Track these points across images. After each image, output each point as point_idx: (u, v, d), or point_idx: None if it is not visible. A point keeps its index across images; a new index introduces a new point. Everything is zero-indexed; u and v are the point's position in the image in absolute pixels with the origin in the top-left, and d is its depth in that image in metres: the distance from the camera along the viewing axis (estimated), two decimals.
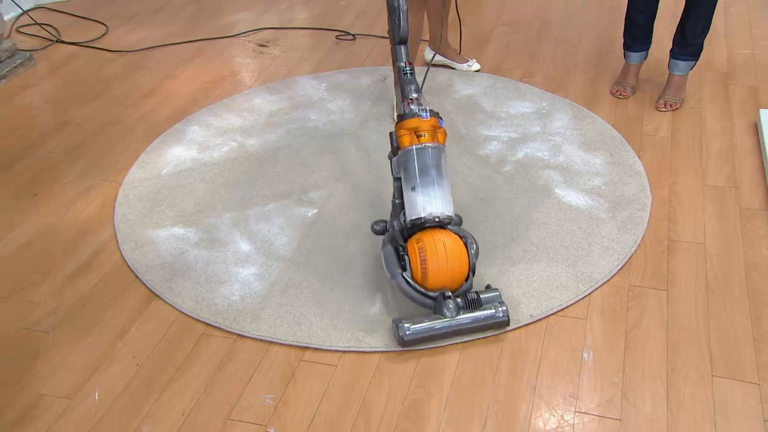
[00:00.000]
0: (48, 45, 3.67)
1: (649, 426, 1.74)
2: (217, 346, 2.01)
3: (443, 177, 2.07)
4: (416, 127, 2.08)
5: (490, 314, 1.98)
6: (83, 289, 2.21)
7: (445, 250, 1.97)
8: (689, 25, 2.86)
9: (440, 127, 2.12)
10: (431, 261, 1.96)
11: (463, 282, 2.02)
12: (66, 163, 2.78)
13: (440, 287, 1.99)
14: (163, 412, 1.83)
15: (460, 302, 1.98)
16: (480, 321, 1.97)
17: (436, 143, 2.08)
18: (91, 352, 2.00)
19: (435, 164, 2.06)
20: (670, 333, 1.99)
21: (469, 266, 2.02)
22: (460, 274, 2.00)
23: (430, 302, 1.99)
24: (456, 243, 2.00)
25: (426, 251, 1.97)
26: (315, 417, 1.81)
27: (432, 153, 2.06)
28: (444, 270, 1.96)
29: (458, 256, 1.99)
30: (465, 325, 1.96)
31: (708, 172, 2.61)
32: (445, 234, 2.02)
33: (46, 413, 1.83)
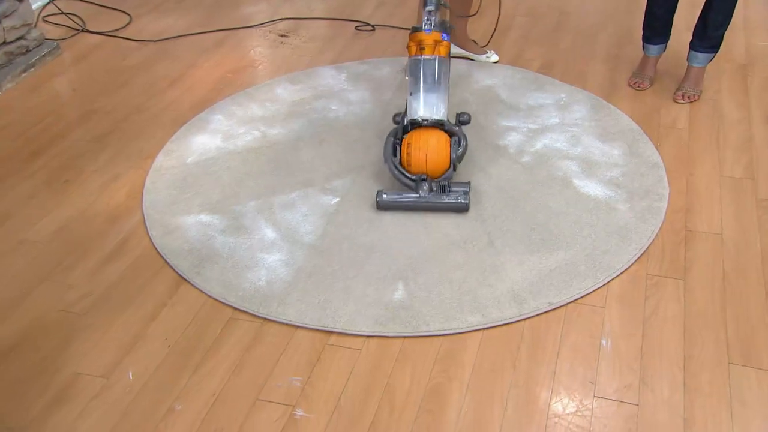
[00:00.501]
0: (74, 34, 3.73)
1: (666, 411, 1.79)
2: (245, 330, 2.07)
3: (439, 84, 2.46)
4: (420, 41, 2.49)
5: (453, 199, 2.40)
6: (115, 273, 2.27)
7: (428, 144, 2.41)
8: (711, 17, 2.89)
9: (443, 40, 2.48)
10: (414, 151, 2.41)
11: (444, 172, 2.44)
12: (94, 151, 2.84)
13: (420, 173, 2.42)
14: (195, 391, 1.90)
15: (433, 186, 2.40)
16: (443, 202, 2.40)
17: (436, 55, 2.47)
18: (125, 334, 2.06)
19: (431, 73, 2.46)
20: (687, 321, 2.03)
21: (450, 160, 2.43)
22: (440, 165, 2.42)
23: (411, 183, 2.43)
24: (440, 139, 2.43)
25: (412, 143, 2.42)
26: (341, 398, 1.87)
27: (429, 63, 2.46)
28: (423, 159, 2.41)
29: (440, 150, 2.42)
30: (430, 202, 2.41)
31: (725, 163, 2.65)
32: (433, 132, 2.45)
33: (84, 391, 1.90)
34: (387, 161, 2.49)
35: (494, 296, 2.12)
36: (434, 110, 2.45)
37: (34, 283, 2.24)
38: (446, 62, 2.50)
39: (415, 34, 2.51)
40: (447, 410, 1.83)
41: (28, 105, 3.16)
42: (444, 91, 2.48)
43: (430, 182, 2.42)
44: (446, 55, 2.50)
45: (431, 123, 2.46)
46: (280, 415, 1.83)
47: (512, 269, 2.22)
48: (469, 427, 1.78)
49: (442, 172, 2.45)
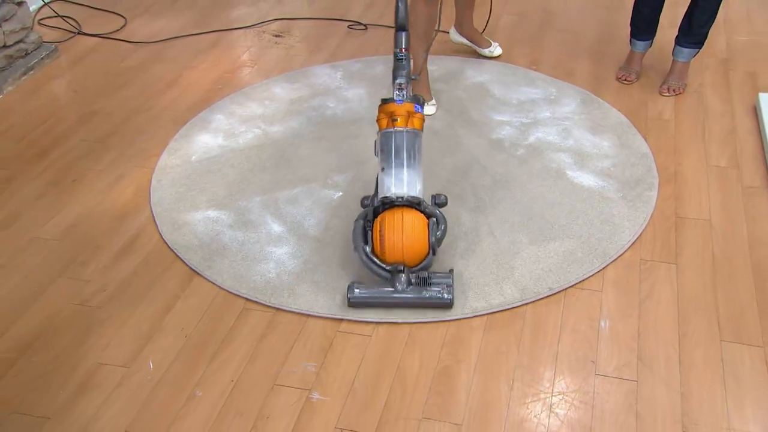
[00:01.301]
0: (70, 37, 3.78)
1: (663, 386, 1.89)
2: (258, 319, 2.15)
3: (413, 160, 2.22)
4: (392, 112, 2.26)
5: (435, 294, 2.11)
6: (128, 268, 2.34)
7: (402, 227, 2.13)
8: (696, 15, 3.00)
9: (416, 112, 2.28)
10: (388, 236, 2.12)
11: (422, 260, 2.17)
12: (99, 151, 2.90)
13: (396, 262, 2.14)
14: (213, 378, 1.97)
15: (412, 278, 2.13)
16: (424, 299, 2.12)
17: (410, 128, 2.24)
18: (142, 325, 2.14)
19: (405, 147, 2.21)
20: (680, 302, 2.14)
21: (429, 246, 2.15)
22: (417, 252, 2.14)
23: (386, 274, 2.15)
24: (417, 222, 2.15)
25: (385, 227, 2.14)
26: (354, 382, 1.95)
27: (402, 137, 2.22)
28: (400, 246, 2.12)
29: (417, 234, 2.14)
30: (409, 300, 2.13)
31: (711, 153, 2.76)
32: (408, 213, 2.16)
33: (107, 380, 1.97)
34: (357, 249, 2.19)
35: (496, 283, 2.22)
36: (409, 187, 2.18)
37: (50, 279, 2.31)
38: (420, 136, 2.28)
39: (386, 105, 2.30)
40: (456, 391, 1.92)
41: (30, 107, 3.21)
42: (419, 166, 2.24)
43: (407, 273, 2.14)
44: (420, 128, 2.30)
45: (406, 202, 2.18)
46: (297, 398, 1.91)
47: (512, 257, 2.31)
48: (478, 406, 1.87)
49: (421, 259, 2.17)
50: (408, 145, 2.22)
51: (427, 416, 1.85)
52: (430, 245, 2.16)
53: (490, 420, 1.84)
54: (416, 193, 2.19)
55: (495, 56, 3.46)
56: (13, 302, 2.23)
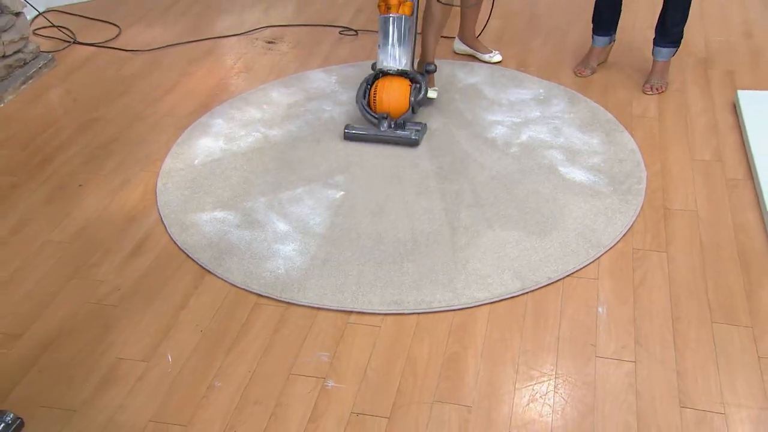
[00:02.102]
0: (66, 46, 3.85)
1: (660, 366, 2.00)
2: (270, 314, 2.24)
3: (403, 39, 2.92)
4: (386, 1, 2.89)
5: (406, 134, 2.90)
6: (140, 268, 2.42)
7: (390, 88, 2.92)
8: (669, 15, 3.14)
9: (406, 1, 2.88)
10: (379, 95, 2.94)
11: (402, 114, 2.93)
12: (102, 157, 2.98)
13: (383, 112, 2.93)
14: (231, 370, 2.06)
15: (392, 123, 2.91)
16: (397, 135, 2.91)
17: (400, 14, 2.88)
18: (158, 322, 2.21)
19: (395, 29, 2.90)
20: (672, 288, 2.25)
21: (409, 102, 2.92)
22: (399, 106, 2.93)
23: (375, 120, 2.94)
24: (401, 85, 2.94)
25: (376, 88, 2.95)
26: (367, 369, 2.04)
27: (393, 21, 2.89)
28: (387, 101, 2.93)
29: (400, 93, 2.92)
30: (387, 136, 2.93)
31: (695, 148, 2.89)
32: (397, 79, 2.96)
33: (128, 374, 2.05)
34: (357, 102, 2.98)
35: (497, 273, 2.32)
36: (398, 61, 2.94)
37: (64, 280, 2.38)
38: (410, 20, 2.92)
39: None
40: (465, 376, 2.01)
41: (32, 115, 3.28)
42: (407, 44, 2.93)
43: (390, 120, 2.90)
44: (409, 13, 2.91)
45: (395, 72, 2.94)
46: (313, 386, 2.00)
47: (511, 249, 2.41)
48: (486, 389, 1.97)
49: (402, 112, 2.93)
50: (398, 27, 2.90)
51: (438, 399, 1.95)
52: (410, 103, 2.93)
53: (498, 402, 1.93)
54: (402, 66, 2.95)
55: (495, 62, 3.57)
56: (31, 303, 2.30)
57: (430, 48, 3.18)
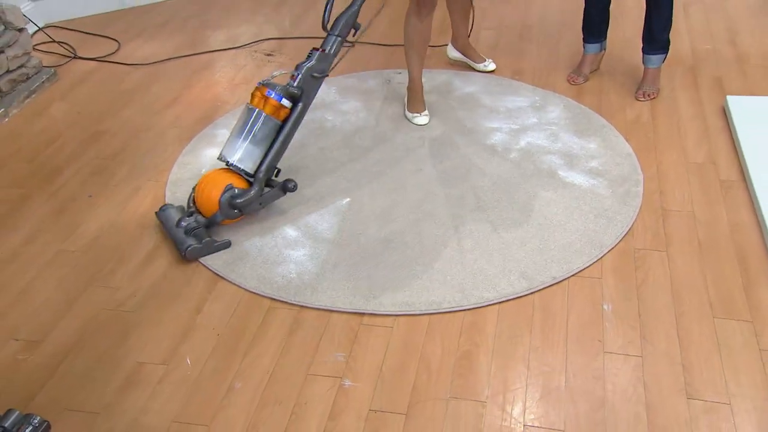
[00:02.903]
0: (67, 61, 3.90)
1: (666, 360, 2.08)
2: (284, 317, 2.29)
3: (247, 135, 2.53)
4: (254, 90, 2.58)
5: (182, 240, 2.49)
6: (154, 275, 2.47)
7: (204, 183, 2.55)
8: (654, 23, 3.24)
9: (268, 97, 2.54)
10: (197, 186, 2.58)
11: (212, 215, 2.53)
12: (110, 168, 3.02)
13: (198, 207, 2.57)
14: (250, 371, 2.11)
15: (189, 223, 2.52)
16: (176, 239, 2.51)
17: (258, 108, 2.54)
18: (175, 326, 2.26)
19: (246, 122, 2.54)
20: (673, 285, 2.33)
21: (219, 204, 2.50)
22: (206, 206, 2.53)
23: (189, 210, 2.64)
24: (218, 180, 2.53)
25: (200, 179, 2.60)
26: (383, 368, 2.10)
27: (247, 112, 2.56)
28: (197, 195, 2.56)
29: (209, 192, 2.52)
30: (170, 233, 2.55)
31: (688, 151, 2.97)
32: (220, 174, 2.57)
33: (149, 377, 2.10)
34: (193, 188, 2.64)
35: (504, 274, 2.39)
36: (232, 154, 2.54)
37: (81, 288, 2.42)
38: (270, 121, 2.55)
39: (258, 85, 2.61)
40: (478, 373, 2.08)
41: (37, 129, 3.32)
42: (253, 143, 2.54)
43: (194, 218, 2.54)
44: (271, 113, 2.55)
45: (229, 166, 2.56)
46: (331, 385, 2.06)
47: (516, 251, 2.49)
48: (500, 385, 2.04)
49: (209, 213, 2.53)
50: (247, 120, 2.55)
51: (453, 396, 2.01)
52: (219, 204, 2.50)
53: (512, 397, 2.00)
54: (235, 161, 2.54)
55: (489, 71, 3.65)
56: (49, 311, 2.34)
57: (414, 68, 3.18)
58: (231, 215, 2.55)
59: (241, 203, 2.53)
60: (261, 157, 2.58)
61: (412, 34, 3.09)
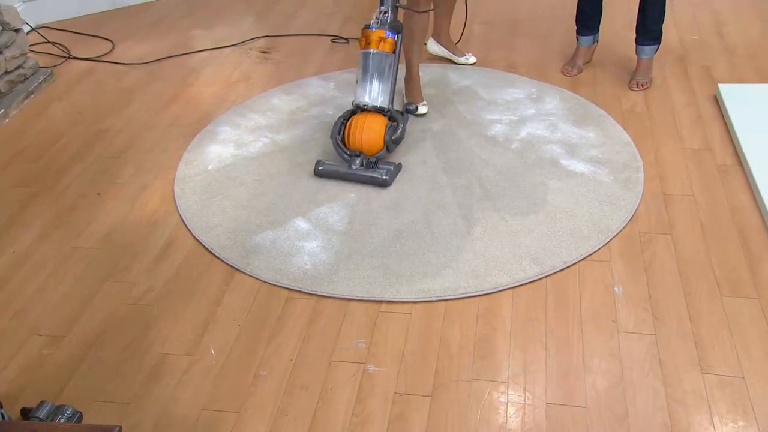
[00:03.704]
0: (62, 62, 3.90)
1: (679, 337, 2.14)
2: (303, 306, 2.33)
3: (381, 75, 2.81)
4: (366, 36, 2.82)
5: (376, 174, 2.78)
6: (170, 269, 2.49)
7: (363, 126, 2.79)
8: (648, 14, 3.32)
9: (386, 37, 2.79)
10: (351, 131, 2.81)
11: (376, 152, 2.82)
12: (116, 166, 3.04)
13: (356, 150, 2.82)
14: (274, 359, 2.15)
15: (363, 162, 2.80)
16: (367, 175, 2.80)
17: (379, 50, 2.78)
18: (196, 318, 2.29)
19: (374, 65, 2.80)
20: (680, 266, 2.40)
21: (384, 141, 2.80)
22: (373, 144, 2.81)
23: (348, 157, 2.84)
24: (376, 122, 2.80)
25: (351, 124, 2.82)
26: (404, 353, 2.15)
27: (371, 57, 2.80)
28: (359, 139, 2.80)
29: (374, 131, 2.79)
30: (357, 175, 2.81)
31: (684, 138, 3.05)
32: (372, 116, 2.82)
33: (174, 368, 2.12)
34: (332, 137, 2.87)
35: (516, 260, 2.45)
36: (374, 97, 2.82)
37: (98, 283, 2.44)
38: (389, 57, 2.83)
39: (364, 30, 2.84)
40: (497, 354, 2.13)
41: (39, 129, 3.33)
42: (386, 81, 2.82)
43: (363, 158, 2.80)
44: (390, 50, 2.82)
45: (371, 108, 2.83)
46: (355, 371, 2.10)
47: (525, 237, 2.54)
48: (519, 366, 2.09)
49: (376, 151, 2.82)
50: (376, 64, 2.80)
51: (475, 377, 2.06)
52: (384, 142, 2.81)
53: (533, 377, 2.05)
54: (379, 103, 2.82)
55: (470, 64, 3.72)
56: (69, 306, 2.36)
57: (413, 60, 3.24)
58: (392, 148, 2.89)
59: (399, 136, 2.87)
60: (390, 92, 2.85)
61: (413, 26, 3.14)
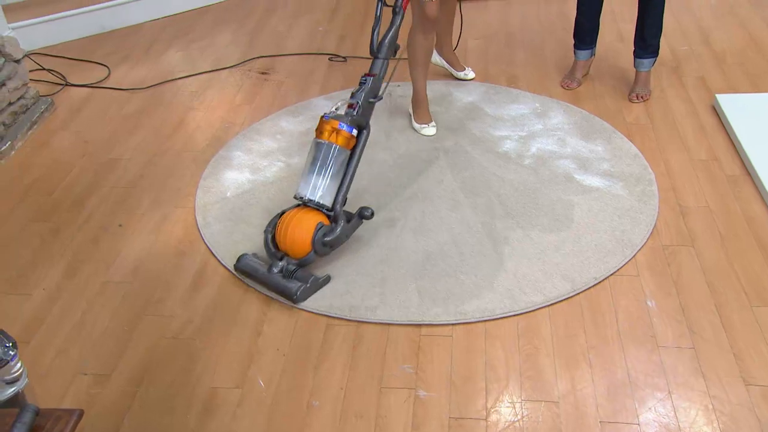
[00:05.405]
0: (60, 89, 3.86)
1: (717, 349, 2.21)
2: (345, 333, 2.36)
3: (329, 170, 2.52)
4: (319, 125, 2.57)
5: (288, 285, 2.45)
6: (206, 300, 2.49)
7: (289, 225, 2.49)
8: (647, 29, 3.41)
9: (340, 129, 2.54)
10: (279, 228, 2.51)
11: (304, 254, 2.50)
12: (134, 196, 3.03)
13: (283, 250, 2.52)
14: (324, 388, 2.17)
15: (284, 267, 2.48)
16: (279, 285, 2.46)
17: (329, 141, 2.52)
18: (239, 350, 2.30)
19: (319, 157, 2.52)
20: (707, 277, 2.47)
21: (312, 245, 2.48)
22: (297, 247, 2.49)
23: (274, 256, 2.54)
24: (307, 221, 2.49)
25: (282, 219, 2.53)
26: (452, 375, 2.18)
27: (320, 147, 2.53)
28: (283, 238, 2.49)
29: (301, 230, 2.47)
30: (270, 281, 2.48)
31: (690, 149, 3.14)
32: (305, 213, 2.52)
33: (226, 402, 2.13)
34: (265, 232, 2.60)
35: (547, 278, 2.50)
36: (313, 192, 2.52)
37: (135, 318, 2.44)
38: (342, 153, 2.54)
39: (320, 119, 2.59)
40: (544, 373, 2.18)
41: (47, 161, 3.29)
42: (334, 177, 2.54)
43: (287, 261, 2.49)
44: (344, 145, 2.54)
45: (313, 204, 2.52)
46: (406, 396, 2.13)
47: (553, 254, 2.60)
48: (568, 384, 2.14)
49: (302, 254, 2.50)
50: (321, 156, 2.52)
51: (527, 398, 2.11)
52: (312, 244, 2.48)
53: (582, 395, 2.10)
54: (316, 198, 2.51)
55: (469, 79, 3.77)
56: (110, 343, 2.35)
57: (419, 81, 3.27)
58: (324, 252, 2.54)
59: (333, 240, 2.51)
60: (337, 189, 2.57)
61: (417, 49, 3.18)
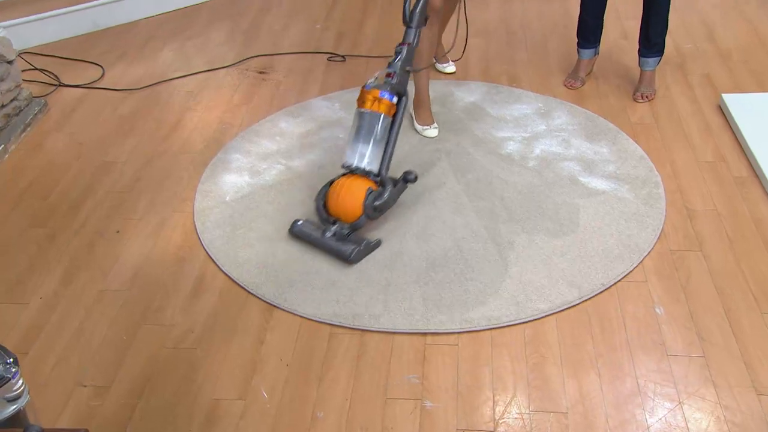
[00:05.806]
0: (53, 90, 3.79)
1: (728, 356, 2.17)
2: (348, 342, 2.31)
3: (374, 138, 2.65)
4: (361, 95, 2.69)
5: (343, 248, 2.56)
6: (206, 308, 2.44)
7: (342, 189, 2.61)
8: (652, 27, 3.36)
9: (382, 98, 2.64)
10: (330, 195, 2.64)
11: (355, 219, 2.60)
12: (130, 200, 2.97)
13: (335, 216, 2.64)
14: (328, 399, 2.12)
15: (337, 230, 2.59)
16: (333, 247, 2.58)
17: (372, 110, 2.64)
18: (241, 359, 2.25)
19: (364, 126, 2.65)
20: (715, 282, 2.43)
21: (363, 209, 2.59)
22: (349, 211, 2.60)
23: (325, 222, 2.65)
24: (357, 188, 2.60)
25: (333, 187, 2.65)
26: (458, 385, 2.14)
27: (363, 117, 2.66)
28: (335, 205, 2.62)
29: (352, 197, 2.59)
30: (325, 244, 2.60)
31: (697, 150, 3.10)
32: (355, 180, 2.63)
33: (229, 414, 2.08)
34: (316, 200, 2.71)
35: (553, 284, 2.45)
36: (360, 159, 2.64)
37: (135, 326, 2.39)
38: (385, 119, 2.66)
39: (362, 88, 2.71)
40: (552, 383, 2.13)
41: (41, 164, 3.23)
42: (378, 144, 2.65)
43: (338, 226, 2.60)
44: (387, 112, 2.66)
45: (360, 172, 2.65)
46: (412, 408, 2.09)
47: (558, 260, 2.55)
48: (576, 394, 2.10)
49: (354, 218, 2.60)
50: (366, 124, 2.65)
51: (536, 409, 2.06)
52: (363, 209, 2.59)
53: (591, 405, 2.06)
54: (364, 165, 2.64)
55: (447, 72, 3.76)
56: (109, 353, 2.30)
57: (421, 79, 3.24)
58: (374, 216, 2.64)
59: (382, 204, 2.62)
60: (382, 156, 2.68)
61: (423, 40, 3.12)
